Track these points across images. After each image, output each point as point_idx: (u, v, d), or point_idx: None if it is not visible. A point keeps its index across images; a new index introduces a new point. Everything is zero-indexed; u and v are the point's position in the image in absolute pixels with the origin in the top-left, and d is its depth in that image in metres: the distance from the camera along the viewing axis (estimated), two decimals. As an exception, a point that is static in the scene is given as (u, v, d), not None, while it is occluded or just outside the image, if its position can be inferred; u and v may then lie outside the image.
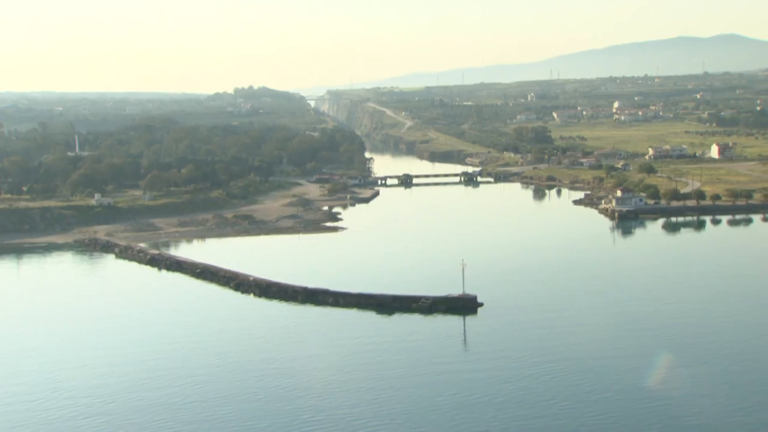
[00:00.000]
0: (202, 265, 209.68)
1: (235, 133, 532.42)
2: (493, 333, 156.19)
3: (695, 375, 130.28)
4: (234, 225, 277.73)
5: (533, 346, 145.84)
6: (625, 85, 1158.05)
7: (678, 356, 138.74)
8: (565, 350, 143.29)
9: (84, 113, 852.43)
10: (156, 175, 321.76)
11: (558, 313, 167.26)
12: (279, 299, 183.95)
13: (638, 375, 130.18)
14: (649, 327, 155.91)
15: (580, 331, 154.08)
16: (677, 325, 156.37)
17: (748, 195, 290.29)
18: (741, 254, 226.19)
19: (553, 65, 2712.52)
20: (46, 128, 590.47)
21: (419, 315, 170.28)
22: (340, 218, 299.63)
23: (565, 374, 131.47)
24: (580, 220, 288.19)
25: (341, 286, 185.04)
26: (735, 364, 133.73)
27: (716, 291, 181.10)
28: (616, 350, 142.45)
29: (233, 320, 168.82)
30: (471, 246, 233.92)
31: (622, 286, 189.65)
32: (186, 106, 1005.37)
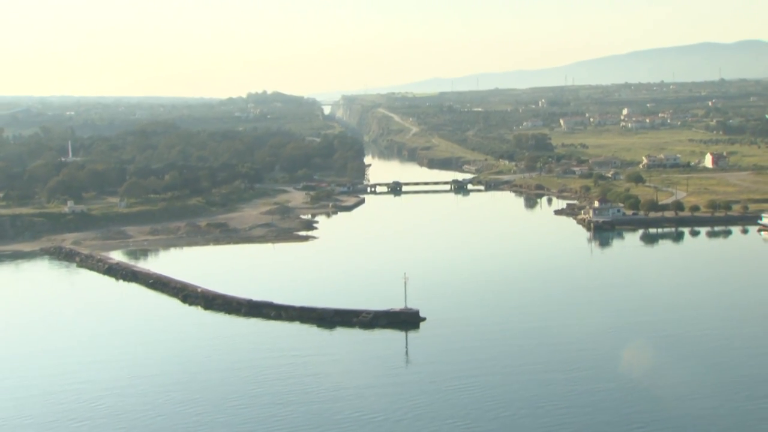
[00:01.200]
0: (155, 276, 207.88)
1: (233, 139, 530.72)
2: (429, 347, 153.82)
3: (628, 388, 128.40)
4: (205, 233, 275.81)
5: (470, 361, 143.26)
6: (640, 92, 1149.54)
7: (610, 372, 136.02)
8: (504, 364, 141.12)
9: (92, 118, 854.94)
10: (134, 182, 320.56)
11: (502, 326, 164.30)
12: (224, 311, 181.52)
13: (575, 388, 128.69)
14: (593, 340, 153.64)
15: (522, 345, 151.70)
16: (619, 340, 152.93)
17: (727, 206, 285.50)
18: (710, 267, 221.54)
19: (573, 71, 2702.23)
20: (48, 133, 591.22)
21: (360, 329, 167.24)
22: (316, 227, 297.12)
23: (502, 388, 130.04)
24: (556, 230, 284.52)
25: (292, 298, 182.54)
26: (650, 378, 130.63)
27: (672, 306, 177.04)
28: (557, 364, 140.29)
29: (166, 332, 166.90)
30: (429, 258, 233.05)
31: (577, 299, 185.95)
32: (196, 110, 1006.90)
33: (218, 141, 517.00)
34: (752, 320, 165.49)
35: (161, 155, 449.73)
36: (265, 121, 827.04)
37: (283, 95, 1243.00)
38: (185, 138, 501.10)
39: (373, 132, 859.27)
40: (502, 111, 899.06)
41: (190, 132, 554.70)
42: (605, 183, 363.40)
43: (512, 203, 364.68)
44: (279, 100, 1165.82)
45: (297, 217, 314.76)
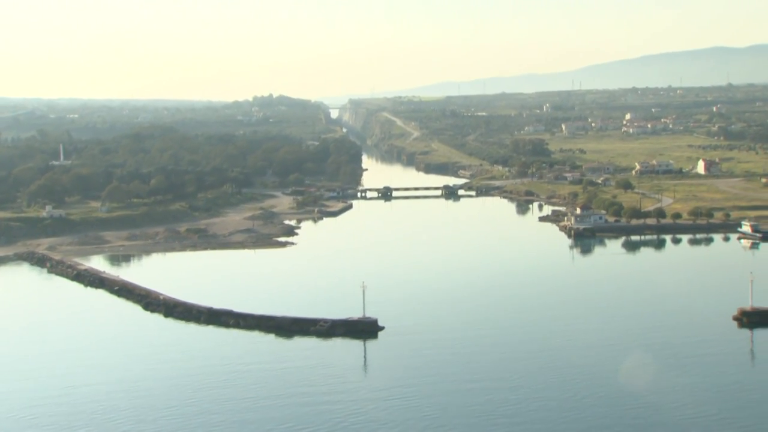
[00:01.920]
0: (120, 282, 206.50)
1: (228, 143, 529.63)
2: (382, 356, 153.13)
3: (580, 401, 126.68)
4: (183, 239, 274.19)
5: (425, 370, 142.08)
6: (647, 97, 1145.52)
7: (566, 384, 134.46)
8: (462, 375, 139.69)
9: (94, 121, 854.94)
10: (116, 187, 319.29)
11: (462, 336, 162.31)
12: (184, 319, 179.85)
13: (529, 399, 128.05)
14: (552, 352, 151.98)
15: (481, 355, 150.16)
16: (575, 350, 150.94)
17: (709, 214, 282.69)
18: (687, 275, 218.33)
19: (584, 75, 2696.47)
20: (45, 136, 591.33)
21: (317, 339, 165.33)
22: (297, 233, 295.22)
23: (460, 398, 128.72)
24: (538, 238, 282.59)
25: (254, 306, 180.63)
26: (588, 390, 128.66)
27: (626, 316, 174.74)
28: (512, 375, 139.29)
29: (117, 340, 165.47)
30: (400, 266, 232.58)
31: (544, 308, 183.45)
32: (200, 114, 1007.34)
33: (214, 145, 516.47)
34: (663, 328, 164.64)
35: (153, 159, 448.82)
36: (267, 125, 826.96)
37: (288, 99, 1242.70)
38: (178, 142, 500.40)
39: (375, 136, 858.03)
40: (505, 115, 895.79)
41: (184, 136, 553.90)
42: (594, 189, 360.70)
43: (500, 209, 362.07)
44: (284, 104, 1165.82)
45: (280, 223, 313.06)
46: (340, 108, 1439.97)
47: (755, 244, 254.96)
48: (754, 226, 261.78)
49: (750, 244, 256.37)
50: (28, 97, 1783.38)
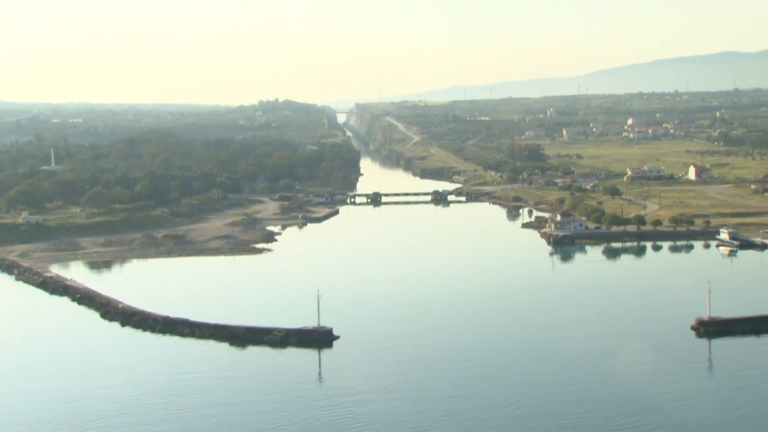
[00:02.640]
0: (83, 290, 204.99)
1: (224, 147, 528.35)
2: (332, 367, 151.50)
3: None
4: (159, 246, 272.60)
5: (377, 381, 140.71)
6: (652, 102, 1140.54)
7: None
8: (416, 384, 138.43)
9: (96, 125, 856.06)
10: (97, 192, 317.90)
11: (419, 345, 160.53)
12: (140, 328, 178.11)
13: (482, 408, 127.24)
14: (507, 360, 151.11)
15: (436, 365, 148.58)
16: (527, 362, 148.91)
17: (690, 221, 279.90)
18: (656, 283, 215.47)
19: (595, 79, 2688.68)
20: (41, 141, 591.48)
21: (271, 348, 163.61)
22: (276, 239, 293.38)
23: (412, 407, 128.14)
24: (517, 244, 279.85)
25: (213, 314, 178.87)
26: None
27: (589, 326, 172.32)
28: (466, 383, 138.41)
29: (64, 348, 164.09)
30: (368, 273, 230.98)
31: (505, 317, 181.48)
32: (204, 118, 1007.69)
33: (210, 150, 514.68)
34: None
35: (144, 164, 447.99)
36: (268, 130, 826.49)
37: (294, 103, 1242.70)
38: (171, 147, 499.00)
39: (377, 141, 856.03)
40: (508, 120, 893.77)
41: (178, 141, 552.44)
42: (582, 195, 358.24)
43: (487, 215, 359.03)
44: (289, 108, 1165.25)
45: (262, 229, 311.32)
46: (348, 112, 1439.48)
47: (733, 251, 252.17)
48: (732, 233, 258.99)
49: (728, 251, 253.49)
50: (37, 102, 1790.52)
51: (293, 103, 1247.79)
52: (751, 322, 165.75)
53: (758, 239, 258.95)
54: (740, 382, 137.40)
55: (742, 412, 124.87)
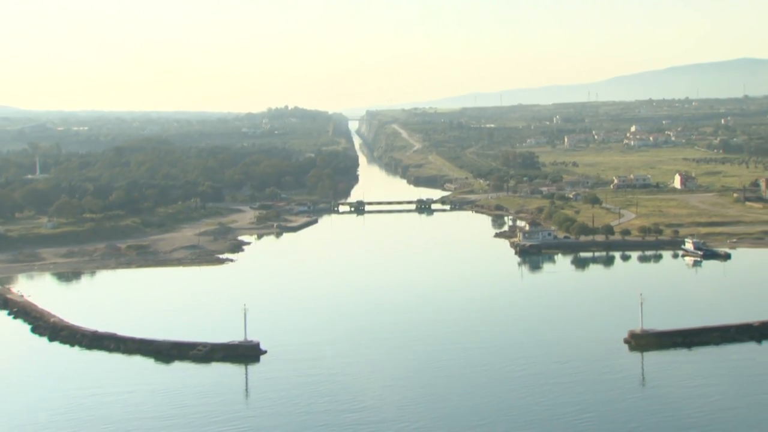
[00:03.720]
0: (20, 303, 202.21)
1: (215, 155, 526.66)
2: (258, 382, 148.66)
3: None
4: (121, 256, 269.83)
5: (300, 397, 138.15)
6: (661, 109, 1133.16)
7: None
8: (342, 399, 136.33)
9: (98, 133, 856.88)
10: (66, 202, 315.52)
11: (348, 359, 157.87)
12: (68, 343, 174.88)
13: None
14: (435, 373, 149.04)
15: (364, 380, 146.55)
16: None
17: (658, 231, 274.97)
18: (605, 293, 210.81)
19: (610, 86, 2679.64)
20: (35, 149, 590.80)
21: (196, 363, 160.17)
22: (243, 250, 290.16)
23: (337, 421, 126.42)
24: (485, 254, 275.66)
25: (149, 328, 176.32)
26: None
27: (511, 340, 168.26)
28: (393, 398, 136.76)
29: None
30: (319, 285, 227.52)
31: (442, 331, 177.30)
32: (209, 126, 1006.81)
33: (200, 158, 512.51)
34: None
35: (129, 173, 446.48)
36: (271, 137, 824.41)
37: (302, 110, 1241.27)
38: (160, 155, 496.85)
39: (381, 148, 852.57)
40: (512, 128, 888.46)
41: (169, 149, 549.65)
42: (562, 204, 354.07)
43: (467, 224, 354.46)
44: (296, 116, 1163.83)
45: (233, 239, 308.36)
46: (360, 120, 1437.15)
47: (697, 261, 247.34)
48: (696, 243, 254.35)
49: (692, 261, 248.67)
50: (50, 110, 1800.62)
51: (301, 110, 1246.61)
52: (683, 335, 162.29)
53: (722, 249, 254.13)
54: (661, 398, 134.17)
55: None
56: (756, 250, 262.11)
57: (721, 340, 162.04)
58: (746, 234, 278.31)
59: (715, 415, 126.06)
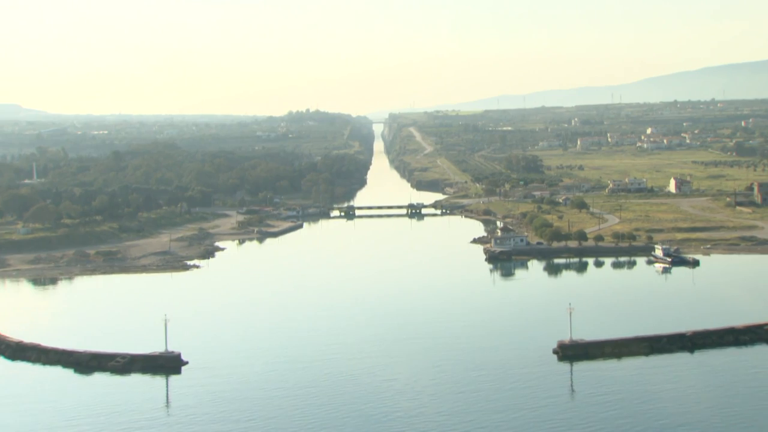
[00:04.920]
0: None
1: (217, 160, 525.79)
2: (178, 393, 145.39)
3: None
4: (86, 263, 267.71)
5: (222, 408, 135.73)
6: (685, 110, 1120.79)
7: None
8: (263, 412, 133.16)
9: (111, 137, 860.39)
10: (41, 207, 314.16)
11: (272, 370, 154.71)
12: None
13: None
14: (356, 386, 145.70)
15: (285, 392, 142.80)
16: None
17: (632, 237, 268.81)
18: (547, 301, 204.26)
19: (642, 87, 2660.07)
20: (44, 153, 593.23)
21: (116, 375, 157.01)
22: (214, 256, 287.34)
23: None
24: (456, 261, 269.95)
25: (78, 338, 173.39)
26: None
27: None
28: (314, 411, 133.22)
29: None
30: (268, 294, 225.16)
31: (372, 340, 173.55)
32: (225, 129, 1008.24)
33: (196, 162, 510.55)
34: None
35: (124, 177, 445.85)
36: (284, 141, 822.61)
37: (322, 113, 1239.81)
38: (158, 159, 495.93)
39: (395, 151, 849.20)
40: (529, 130, 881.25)
41: (167, 153, 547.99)
42: (549, 208, 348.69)
43: (452, 229, 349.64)
44: (315, 119, 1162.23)
45: (210, 244, 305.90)
46: (384, 123, 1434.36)
47: (666, 268, 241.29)
48: (665, 250, 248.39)
49: (662, 268, 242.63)
50: (80, 114, 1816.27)
51: (322, 113, 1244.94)
52: (612, 345, 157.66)
53: (690, 256, 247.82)
54: (575, 410, 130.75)
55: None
56: (728, 256, 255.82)
57: (651, 351, 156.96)
58: (722, 240, 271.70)
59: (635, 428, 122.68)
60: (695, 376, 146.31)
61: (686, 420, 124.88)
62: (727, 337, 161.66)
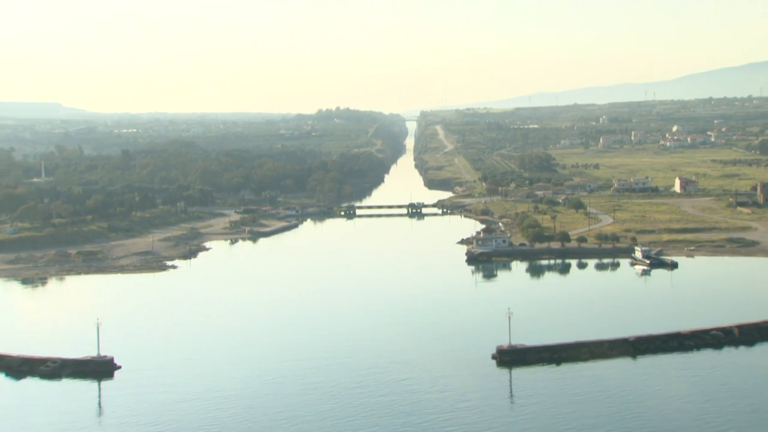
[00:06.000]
0: None
1: (225, 158, 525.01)
2: (109, 398, 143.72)
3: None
4: (65, 263, 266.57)
5: (154, 413, 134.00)
6: (719, 107, 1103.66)
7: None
8: (196, 418, 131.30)
9: (136, 135, 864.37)
10: (30, 206, 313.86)
11: (207, 374, 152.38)
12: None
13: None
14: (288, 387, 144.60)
15: (220, 396, 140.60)
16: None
17: (615, 238, 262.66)
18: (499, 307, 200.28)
19: (682, 84, 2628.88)
20: (62, 152, 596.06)
21: (47, 380, 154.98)
22: (195, 256, 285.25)
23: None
24: (437, 263, 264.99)
25: (21, 342, 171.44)
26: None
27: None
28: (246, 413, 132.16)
29: None
30: (230, 294, 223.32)
31: (314, 342, 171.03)
32: (250, 128, 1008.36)
33: (207, 161, 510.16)
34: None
35: (129, 176, 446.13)
36: (307, 139, 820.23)
37: (350, 111, 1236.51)
38: (167, 158, 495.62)
39: (418, 149, 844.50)
40: (554, 128, 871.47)
41: (176, 152, 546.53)
42: (546, 208, 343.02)
43: (448, 228, 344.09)
44: (343, 117, 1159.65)
45: (197, 244, 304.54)
46: (416, 120, 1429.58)
47: (645, 270, 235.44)
48: (645, 252, 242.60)
49: (641, 270, 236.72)
50: (118, 112, 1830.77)
51: (350, 111, 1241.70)
52: (550, 351, 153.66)
53: (669, 258, 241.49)
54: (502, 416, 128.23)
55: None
56: (711, 258, 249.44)
57: (591, 356, 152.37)
58: (708, 241, 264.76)
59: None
60: (634, 382, 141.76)
61: (622, 426, 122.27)
62: (671, 343, 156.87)
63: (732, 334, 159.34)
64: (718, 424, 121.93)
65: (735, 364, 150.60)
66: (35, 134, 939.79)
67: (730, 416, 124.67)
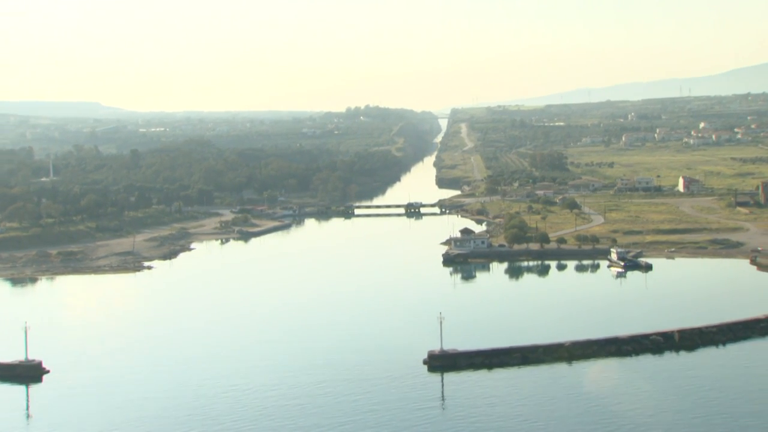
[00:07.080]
0: None
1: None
2: (35, 403, 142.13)
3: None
4: (42, 263, 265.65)
5: (81, 418, 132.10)
6: (755, 103, 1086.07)
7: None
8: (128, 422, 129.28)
9: (158, 134, 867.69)
10: (19, 206, 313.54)
11: (140, 378, 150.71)
12: None
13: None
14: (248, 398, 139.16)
15: (148, 400, 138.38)
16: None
17: (595, 240, 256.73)
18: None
19: (728, 79, 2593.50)
20: (80, 151, 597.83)
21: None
22: (176, 256, 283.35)
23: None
24: (414, 265, 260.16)
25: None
26: None
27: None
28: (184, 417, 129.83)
29: None
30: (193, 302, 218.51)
31: (253, 345, 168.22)
32: (276, 126, 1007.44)
33: (212, 161, 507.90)
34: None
35: (134, 175, 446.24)
36: (330, 137, 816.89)
37: (377, 109, 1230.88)
38: (175, 158, 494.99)
39: (441, 148, 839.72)
40: (579, 126, 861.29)
41: (184, 151, 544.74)
42: (539, 207, 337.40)
43: (442, 228, 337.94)
44: (369, 114, 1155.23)
45: (182, 244, 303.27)
46: (447, 118, 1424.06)
47: (620, 273, 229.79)
48: (620, 253, 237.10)
49: (616, 272, 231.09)
50: (153, 111, 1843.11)
51: (380, 108, 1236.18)
52: (482, 356, 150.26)
53: (644, 260, 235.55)
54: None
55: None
56: (689, 260, 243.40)
57: (524, 362, 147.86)
58: (692, 243, 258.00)
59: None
60: (562, 388, 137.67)
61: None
62: (608, 348, 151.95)
63: (672, 339, 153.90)
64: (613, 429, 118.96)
65: (672, 369, 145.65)
66: (64, 133, 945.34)
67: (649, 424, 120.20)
